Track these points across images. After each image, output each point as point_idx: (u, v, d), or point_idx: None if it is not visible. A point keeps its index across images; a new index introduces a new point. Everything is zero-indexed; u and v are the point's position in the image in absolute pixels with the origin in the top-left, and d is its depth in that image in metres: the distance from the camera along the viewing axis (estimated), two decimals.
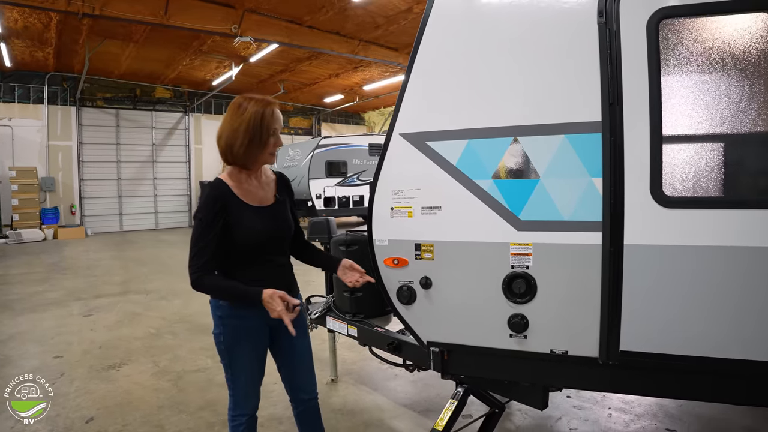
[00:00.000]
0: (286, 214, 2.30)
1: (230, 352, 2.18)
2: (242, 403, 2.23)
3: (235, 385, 2.23)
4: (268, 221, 2.18)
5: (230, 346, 2.18)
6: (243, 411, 2.23)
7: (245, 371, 2.21)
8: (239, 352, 2.18)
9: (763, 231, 1.85)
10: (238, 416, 2.23)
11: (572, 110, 2.09)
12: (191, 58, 15.83)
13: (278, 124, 2.17)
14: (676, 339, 1.98)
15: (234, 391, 2.24)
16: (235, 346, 2.17)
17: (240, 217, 2.09)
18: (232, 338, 2.16)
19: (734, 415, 3.29)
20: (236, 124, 2.08)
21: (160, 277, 9.09)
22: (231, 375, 2.22)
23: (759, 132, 1.90)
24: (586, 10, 2.02)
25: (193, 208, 20.58)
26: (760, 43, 1.84)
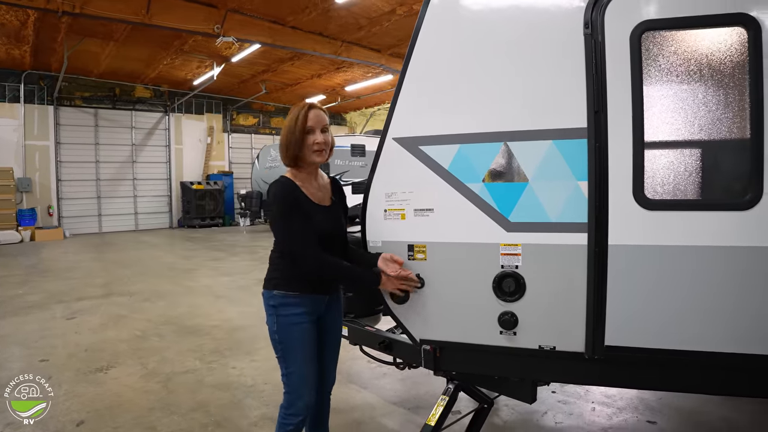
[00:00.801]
0: (342, 216, 2.50)
1: (284, 342, 2.29)
2: (296, 402, 2.29)
3: (290, 381, 2.30)
4: (329, 220, 2.37)
5: (284, 337, 2.29)
6: (295, 411, 2.29)
7: (298, 363, 2.29)
8: (293, 343, 2.29)
9: (735, 231, 1.98)
10: (290, 416, 2.29)
11: (559, 117, 2.18)
12: (172, 58, 15.69)
13: (314, 122, 2.28)
14: (658, 333, 2.09)
15: (288, 387, 2.31)
16: (290, 336, 2.29)
17: (308, 212, 2.27)
18: (288, 328, 2.29)
19: (712, 407, 3.45)
20: (286, 127, 2.31)
21: (143, 279, 9.01)
22: (285, 369, 2.30)
23: (732, 138, 2.03)
24: (572, 21, 2.12)
25: (174, 209, 20.40)
26: (733, 56, 1.96)
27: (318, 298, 2.38)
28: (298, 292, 2.30)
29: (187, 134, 20.91)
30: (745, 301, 2.00)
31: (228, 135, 22.70)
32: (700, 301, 2.04)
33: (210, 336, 5.58)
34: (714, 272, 2.02)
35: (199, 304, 7.10)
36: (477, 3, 2.32)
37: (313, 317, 2.36)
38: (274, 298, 2.31)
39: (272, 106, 23.77)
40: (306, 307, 2.32)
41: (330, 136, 2.36)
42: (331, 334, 2.54)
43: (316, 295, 2.36)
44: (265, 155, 18.93)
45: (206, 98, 21.19)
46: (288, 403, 2.31)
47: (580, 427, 3.28)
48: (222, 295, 7.68)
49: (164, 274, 9.61)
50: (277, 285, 2.32)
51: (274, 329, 2.31)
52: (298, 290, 2.30)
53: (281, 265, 2.33)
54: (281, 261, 2.34)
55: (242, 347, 5.16)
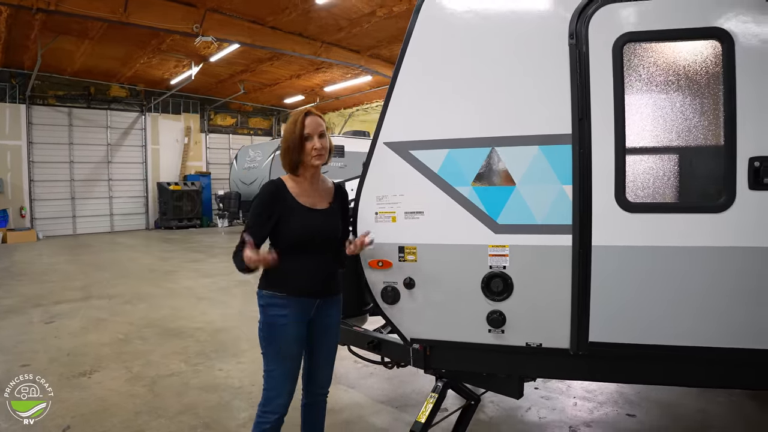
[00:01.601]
0: (335, 221, 2.50)
1: (267, 341, 2.35)
2: (274, 400, 2.33)
3: (269, 378, 2.35)
4: (315, 222, 2.39)
5: (268, 336, 2.34)
6: (272, 409, 2.33)
7: (280, 363, 2.34)
8: (275, 342, 2.33)
9: (710, 233, 2.10)
10: (267, 413, 2.34)
11: (545, 124, 2.28)
12: (149, 57, 15.43)
13: (311, 129, 2.34)
14: (639, 329, 2.21)
15: (267, 385, 2.36)
16: (273, 335, 2.34)
17: (289, 212, 2.33)
18: (271, 328, 2.34)
19: (688, 400, 3.61)
20: (282, 137, 2.41)
21: (123, 282, 8.87)
22: (266, 366, 2.36)
23: (707, 145, 2.15)
24: (558, 32, 2.21)
25: (151, 210, 20.07)
26: (709, 67, 2.08)
27: (306, 302, 2.40)
28: (285, 294, 2.34)
29: (164, 134, 20.58)
30: (718, 298, 2.12)
31: (205, 135, 22.43)
32: (678, 299, 2.16)
33: (194, 338, 5.55)
34: (690, 271, 2.14)
35: (181, 307, 7.04)
36: (467, 12, 2.39)
37: (300, 320, 2.39)
38: (263, 298, 2.37)
39: (250, 106, 23.58)
40: (292, 309, 2.35)
41: (327, 140, 2.41)
42: (327, 337, 2.55)
43: (304, 298, 2.38)
44: (243, 156, 18.76)
45: (183, 98, 20.90)
46: (265, 401, 2.36)
47: (563, 421, 3.39)
48: (204, 297, 7.62)
49: (143, 276, 9.48)
50: (267, 285, 2.38)
51: (260, 327, 2.38)
52: (285, 292, 2.34)
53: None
54: None
55: (227, 349, 5.15)
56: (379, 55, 16.32)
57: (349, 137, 20.02)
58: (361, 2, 12.03)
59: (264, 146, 18.40)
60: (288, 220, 2.32)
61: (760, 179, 2.04)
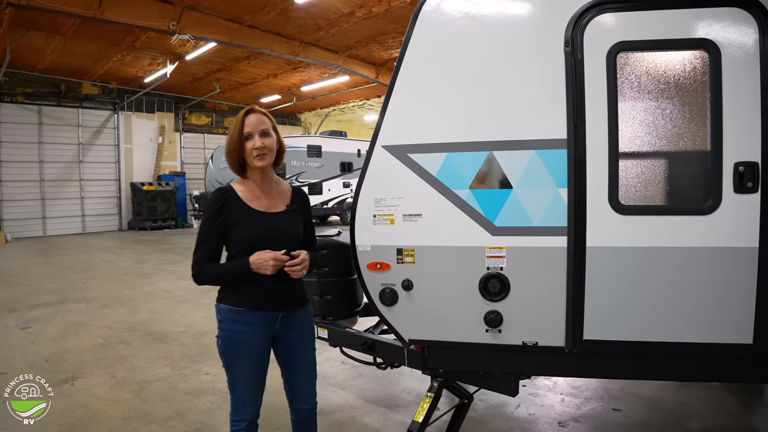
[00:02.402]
0: (294, 224, 2.31)
1: (226, 356, 2.22)
2: (241, 409, 2.26)
3: (234, 390, 2.26)
4: (270, 227, 2.22)
5: (226, 351, 2.22)
6: (242, 417, 2.25)
7: (243, 377, 2.23)
8: (235, 357, 2.21)
9: (698, 234, 2.20)
10: (237, 422, 2.27)
11: (542, 128, 2.34)
12: (123, 54, 15.10)
13: (251, 127, 2.19)
14: (632, 327, 2.30)
15: (233, 395, 2.27)
16: (231, 350, 2.21)
17: (240, 217, 2.19)
18: (228, 343, 2.21)
19: (668, 394, 3.75)
20: (229, 135, 2.26)
21: (99, 284, 8.66)
22: (230, 379, 2.25)
23: (696, 150, 2.25)
24: (555, 39, 2.28)
25: (124, 210, 19.64)
26: (697, 76, 2.18)
27: (268, 315, 2.23)
28: (244, 308, 2.18)
29: (138, 133, 20.16)
30: (706, 296, 2.22)
31: (180, 134, 22.06)
32: (669, 297, 2.25)
33: (178, 342, 5.47)
34: (680, 271, 2.24)
35: (162, 310, 6.93)
36: (464, 18, 2.44)
37: (261, 335, 2.23)
38: (220, 312, 2.22)
39: (226, 105, 23.29)
40: (253, 324, 2.20)
41: (273, 139, 2.24)
42: (300, 352, 2.37)
43: (265, 312, 2.22)
44: (219, 155, 18.51)
45: (157, 96, 20.51)
46: (234, 410, 2.29)
47: (552, 417, 3.48)
48: (184, 300, 7.51)
49: (120, 278, 9.28)
50: (224, 298, 2.23)
51: (218, 343, 2.23)
52: (245, 305, 2.18)
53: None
54: None
55: (212, 353, 5.09)
56: (357, 55, 16.34)
57: (326, 137, 20.00)
58: (341, 2, 12.03)
59: None
60: (238, 227, 2.17)
61: (744, 183, 2.14)
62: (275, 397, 2.80)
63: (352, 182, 19.56)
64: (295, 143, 18.48)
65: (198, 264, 2.18)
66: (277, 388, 2.51)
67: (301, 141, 19.01)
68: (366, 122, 27.82)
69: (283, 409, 2.55)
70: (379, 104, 23.60)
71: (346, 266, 3.49)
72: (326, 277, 3.52)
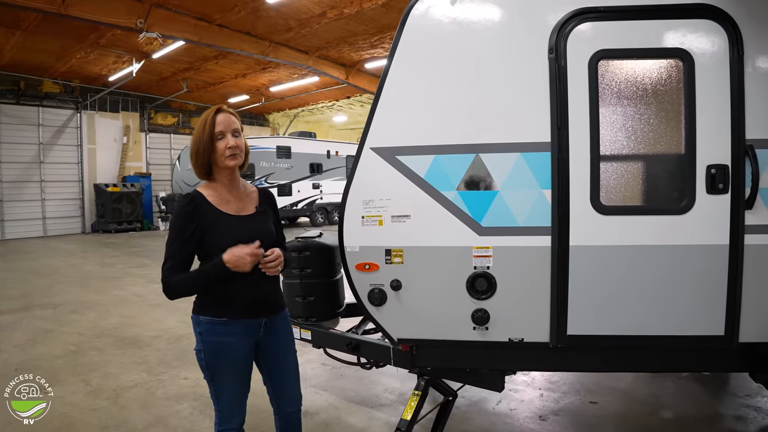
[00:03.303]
0: (266, 225, 2.27)
1: (211, 368, 2.14)
2: (228, 418, 2.21)
3: (219, 401, 2.20)
4: (244, 229, 2.14)
5: (211, 363, 2.13)
6: (229, 426, 2.21)
7: (228, 387, 2.18)
8: (221, 369, 2.14)
9: (674, 232, 2.33)
10: (223, 431, 2.22)
11: (527, 132, 2.43)
12: (87, 51, 14.65)
13: (223, 126, 2.12)
14: (613, 321, 2.40)
15: (218, 406, 2.21)
16: (216, 362, 2.13)
17: (213, 223, 2.09)
18: (213, 355, 2.12)
19: (640, 386, 3.92)
20: (192, 138, 2.17)
21: (65, 289, 8.38)
22: (214, 391, 2.19)
23: (671, 153, 2.38)
24: (539, 46, 2.37)
25: (87, 213, 19.02)
26: (672, 83, 2.30)
27: (252, 323, 2.18)
28: (227, 317, 2.11)
29: (101, 133, 19.56)
30: (682, 291, 2.35)
31: (145, 135, 21.54)
32: (647, 292, 2.37)
33: (152, 347, 5.36)
34: (657, 267, 2.36)
35: (133, 314, 6.76)
36: (452, 24, 2.50)
37: (246, 341, 2.18)
38: (200, 325, 2.12)
39: (193, 105, 22.86)
40: (237, 334, 2.14)
41: (243, 139, 2.19)
42: (285, 358, 2.35)
43: (248, 319, 2.17)
44: (186, 156, 18.14)
45: (122, 95, 19.96)
46: (219, 420, 2.22)
47: (532, 411, 3.59)
48: (157, 304, 7.34)
49: (87, 283, 8.99)
50: (203, 310, 2.13)
51: (201, 356, 2.13)
52: (227, 315, 2.11)
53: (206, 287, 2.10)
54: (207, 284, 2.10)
55: (190, 357, 4.98)
56: (328, 56, 16.33)
57: (295, 138, 19.87)
58: (312, 3, 12.01)
59: None
60: (213, 232, 2.08)
61: (716, 184, 2.28)
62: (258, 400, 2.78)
63: (321, 183, 19.49)
64: (264, 144, 18.32)
65: (167, 276, 2.05)
66: (258, 391, 2.48)
67: (271, 142, 18.85)
68: (335, 123, 27.77)
69: (266, 413, 2.53)
70: (348, 105, 23.61)
71: (328, 267, 3.51)
72: (309, 278, 3.51)
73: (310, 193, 19.14)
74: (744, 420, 3.40)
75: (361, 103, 23.18)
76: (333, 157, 20.11)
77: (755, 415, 3.44)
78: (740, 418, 3.42)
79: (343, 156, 20.41)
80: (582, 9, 2.33)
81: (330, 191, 19.66)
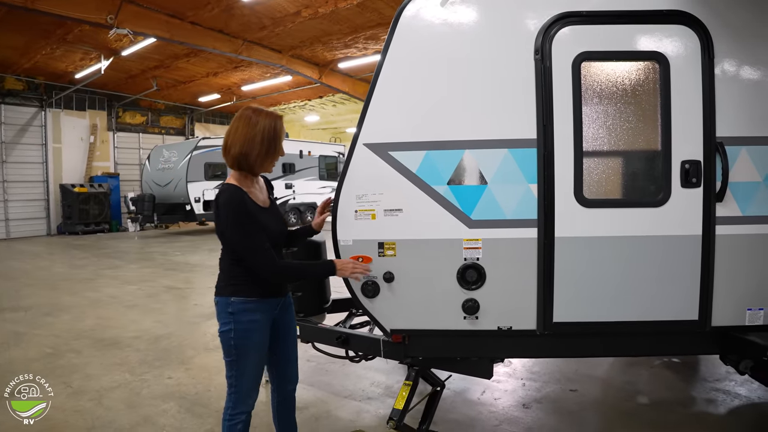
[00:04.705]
0: (280, 213, 2.54)
1: (239, 348, 2.29)
2: (244, 400, 2.33)
3: (239, 383, 2.32)
4: (275, 220, 2.42)
5: (239, 342, 2.28)
6: (243, 408, 2.34)
7: (251, 367, 2.33)
8: (248, 348, 2.30)
9: (651, 224, 2.48)
10: (237, 414, 2.31)
11: (514, 129, 2.54)
12: (52, 48, 14.20)
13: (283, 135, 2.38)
14: (596, 308, 2.54)
15: (237, 388, 2.32)
16: (245, 341, 2.29)
17: (257, 216, 2.26)
18: (243, 333, 2.29)
19: (617, 374, 4.12)
20: (251, 135, 2.25)
21: (35, 292, 8.14)
22: (236, 371, 2.30)
23: (649, 149, 2.53)
24: (526, 47, 2.49)
25: (53, 214, 18.39)
26: (650, 83, 2.46)
27: (275, 301, 2.42)
28: (257, 297, 2.31)
29: (67, 132, 18.96)
30: (659, 279, 2.50)
31: (113, 134, 20.97)
32: (627, 280, 2.52)
33: (132, 348, 5.29)
34: (636, 256, 2.51)
35: (110, 316, 6.63)
36: (443, 24, 2.59)
37: (269, 321, 2.40)
38: (232, 305, 2.28)
39: (162, 104, 22.40)
40: (263, 312, 2.34)
41: None
42: (291, 334, 2.61)
43: (273, 298, 2.40)
44: (157, 156, 17.83)
45: (89, 93, 19.40)
46: (234, 403, 2.33)
47: (516, 400, 3.72)
48: (133, 305, 7.23)
49: (58, 285, 8.75)
50: (235, 291, 2.29)
51: (231, 336, 2.28)
52: (257, 295, 2.31)
53: (236, 271, 2.30)
54: (236, 267, 2.30)
55: (171, 357, 4.98)
56: (301, 56, 16.27)
57: None
58: (287, 2, 11.97)
59: (180, 146, 17.60)
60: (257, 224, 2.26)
61: (689, 179, 2.44)
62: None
63: (294, 183, 19.38)
64: None
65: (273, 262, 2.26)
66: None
67: None
68: (307, 123, 27.64)
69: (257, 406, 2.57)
70: (320, 105, 23.56)
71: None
72: None
73: (283, 193, 18.99)
74: (714, 402, 3.61)
75: (334, 103, 23.16)
76: (306, 157, 20.00)
77: (724, 397, 3.67)
78: (711, 400, 3.64)
79: (315, 156, 20.33)
80: (566, 13, 2.46)
81: (303, 191, 19.54)
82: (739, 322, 2.54)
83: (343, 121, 26.68)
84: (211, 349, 5.15)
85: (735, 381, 3.88)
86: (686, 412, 3.48)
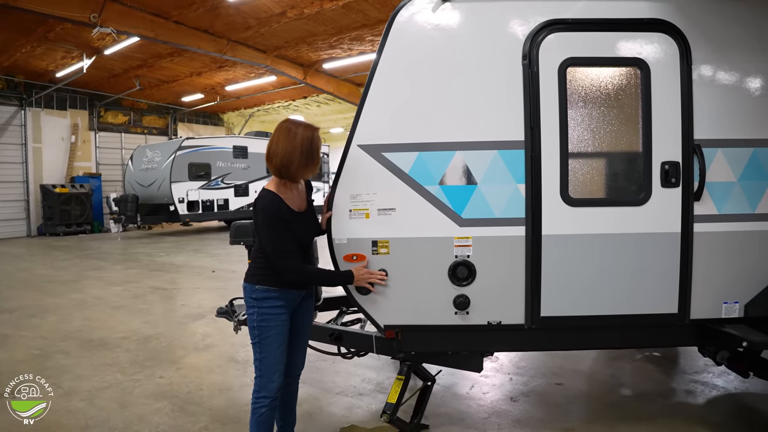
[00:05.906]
0: (316, 218, 2.77)
1: (261, 330, 2.53)
2: (267, 384, 2.53)
3: (262, 365, 2.53)
4: (308, 225, 2.66)
5: (261, 325, 2.53)
6: (267, 393, 2.54)
7: (273, 347, 2.54)
8: (269, 330, 2.53)
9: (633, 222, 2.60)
10: (261, 398, 2.52)
11: (502, 131, 2.64)
12: (33, 46, 13.95)
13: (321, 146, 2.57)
14: (582, 303, 2.66)
15: (261, 371, 2.54)
16: (266, 324, 2.53)
17: (290, 222, 2.49)
18: (264, 317, 2.53)
19: (601, 367, 4.25)
20: (290, 147, 2.45)
21: (19, 294, 8.03)
22: (259, 353, 2.54)
23: (630, 151, 2.66)
24: (514, 52, 2.59)
25: (33, 215, 18.06)
26: (632, 88, 2.58)
27: (295, 293, 2.64)
28: (279, 287, 2.55)
29: (48, 132, 18.62)
30: (641, 274, 2.63)
31: (95, 133, 20.65)
32: (611, 275, 2.64)
33: (122, 348, 5.28)
34: (619, 253, 2.63)
35: (97, 317, 6.59)
36: (435, 30, 2.68)
37: (289, 309, 2.62)
38: (257, 292, 2.55)
39: (145, 103, 22.16)
40: (284, 300, 2.58)
41: None
42: (305, 325, 2.84)
43: (294, 290, 2.62)
44: (140, 156, 17.65)
45: (70, 92, 19.10)
46: (259, 387, 2.56)
47: (504, 394, 3.83)
48: (119, 306, 7.19)
49: (42, 287, 8.65)
50: (260, 280, 2.55)
51: (254, 318, 2.55)
52: (279, 285, 2.55)
53: (264, 262, 2.55)
54: (264, 261, 2.55)
55: (162, 356, 4.99)
56: (286, 56, 16.25)
57: (251, 138, 19.60)
58: (273, 2, 11.95)
59: (163, 146, 17.44)
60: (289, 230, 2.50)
61: (669, 179, 2.57)
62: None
63: None
64: (220, 144, 18.05)
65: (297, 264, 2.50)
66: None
67: (227, 141, 18.56)
68: None
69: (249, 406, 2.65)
70: (305, 105, 23.52)
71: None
72: None
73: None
74: (693, 393, 3.77)
75: (318, 104, 23.14)
76: None
77: (702, 388, 3.83)
78: (690, 392, 3.80)
79: None
80: (552, 20, 2.57)
81: None
82: (716, 315, 2.68)
83: (327, 121, 26.65)
84: (201, 348, 5.17)
85: (713, 373, 4.05)
86: (667, 403, 3.63)
